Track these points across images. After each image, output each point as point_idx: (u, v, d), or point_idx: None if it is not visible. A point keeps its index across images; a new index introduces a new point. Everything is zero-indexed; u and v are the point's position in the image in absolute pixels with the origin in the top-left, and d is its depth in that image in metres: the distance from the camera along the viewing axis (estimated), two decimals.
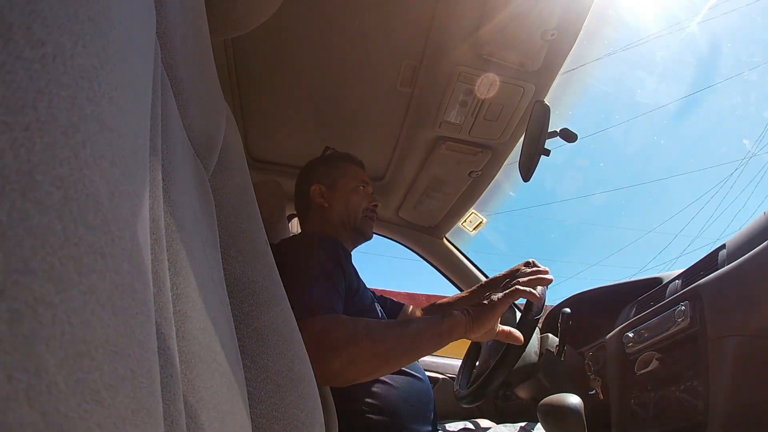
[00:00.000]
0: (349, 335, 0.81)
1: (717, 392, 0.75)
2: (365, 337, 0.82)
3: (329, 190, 1.27)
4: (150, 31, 0.29)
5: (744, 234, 0.89)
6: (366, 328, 0.83)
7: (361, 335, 0.82)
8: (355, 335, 0.82)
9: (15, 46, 0.14)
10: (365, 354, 0.81)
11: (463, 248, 1.98)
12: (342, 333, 0.81)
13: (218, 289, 0.43)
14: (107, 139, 0.18)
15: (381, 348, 0.82)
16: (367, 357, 0.81)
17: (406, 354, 0.85)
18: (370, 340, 0.82)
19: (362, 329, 0.83)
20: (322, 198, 1.26)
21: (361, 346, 0.81)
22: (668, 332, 0.88)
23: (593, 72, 1.39)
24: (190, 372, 0.30)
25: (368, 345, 0.81)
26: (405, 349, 0.84)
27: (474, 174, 1.58)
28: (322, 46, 1.21)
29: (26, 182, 0.14)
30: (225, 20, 0.56)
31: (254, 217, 0.61)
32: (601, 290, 1.43)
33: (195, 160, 0.47)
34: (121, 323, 0.18)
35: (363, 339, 0.81)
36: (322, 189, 1.27)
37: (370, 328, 0.84)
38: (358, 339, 0.81)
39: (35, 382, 0.13)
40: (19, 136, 0.14)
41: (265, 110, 1.46)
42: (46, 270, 0.14)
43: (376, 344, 0.82)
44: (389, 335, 0.84)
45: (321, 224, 1.25)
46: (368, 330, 0.83)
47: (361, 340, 0.81)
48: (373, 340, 0.82)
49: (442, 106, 1.30)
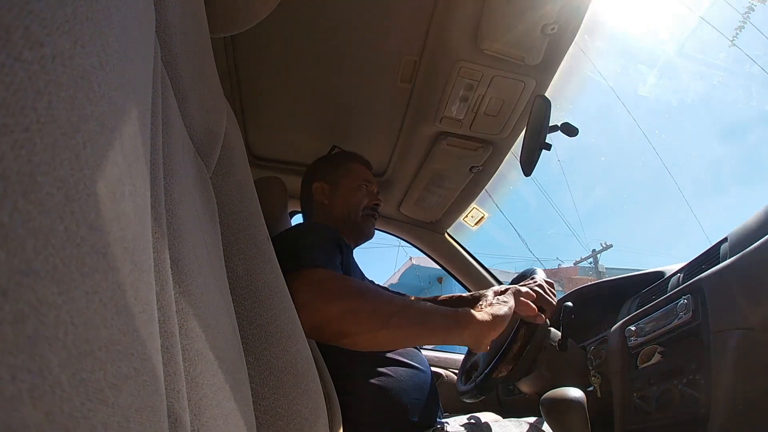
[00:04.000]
0: (351, 287, 0.79)
1: (719, 385, 0.75)
2: (369, 292, 0.80)
3: (331, 187, 1.29)
4: (149, 30, 0.29)
5: (746, 227, 0.89)
6: (371, 288, 0.82)
7: (366, 290, 0.80)
8: (360, 288, 0.80)
9: (14, 47, 0.14)
10: (367, 307, 0.78)
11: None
12: (345, 283, 0.80)
13: (221, 287, 0.43)
14: (108, 139, 0.18)
15: (384, 309, 0.78)
16: (368, 312, 0.78)
17: (410, 326, 0.81)
18: (373, 296, 0.79)
19: (367, 287, 0.81)
20: (323, 195, 1.28)
21: (365, 299, 0.78)
22: (670, 326, 0.88)
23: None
24: (193, 369, 0.31)
25: (371, 299, 0.79)
26: (409, 320, 0.80)
27: (475, 169, 1.58)
28: (322, 43, 1.21)
29: (27, 183, 0.14)
30: (225, 18, 0.56)
31: (256, 214, 0.61)
32: (604, 284, 1.44)
33: (196, 159, 0.47)
34: (124, 322, 0.18)
35: (367, 293, 0.79)
36: (323, 186, 1.29)
37: (375, 289, 0.82)
38: (363, 292, 0.79)
39: (39, 382, 0.13)
40: (20, 137, 0.14)
41: (265, 107, 1.46)
42: (49, 271, 0.14)
43: (380, 304, 0.79)
44: (395, 301, 0.81)
45: (323, 221, 1.26)
46: (374, 289, 0.81)
47: (366, 293, 0.79)
48: (377, 299, 0.79)
49: (443, 101, 1.30)
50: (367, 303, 0.78)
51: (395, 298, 0.83)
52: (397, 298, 0.82)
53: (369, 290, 0.80)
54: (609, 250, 13.83)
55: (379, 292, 0.81)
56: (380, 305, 0.79)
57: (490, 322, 0.84)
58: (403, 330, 0.80)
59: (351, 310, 0.77)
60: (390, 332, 0.79)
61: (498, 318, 0.85)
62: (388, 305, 0.79)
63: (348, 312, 0.77)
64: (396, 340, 0.83)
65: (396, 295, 0.84)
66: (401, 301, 0.82)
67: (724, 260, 0.85)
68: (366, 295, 0.79)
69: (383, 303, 0.79)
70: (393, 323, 0.78)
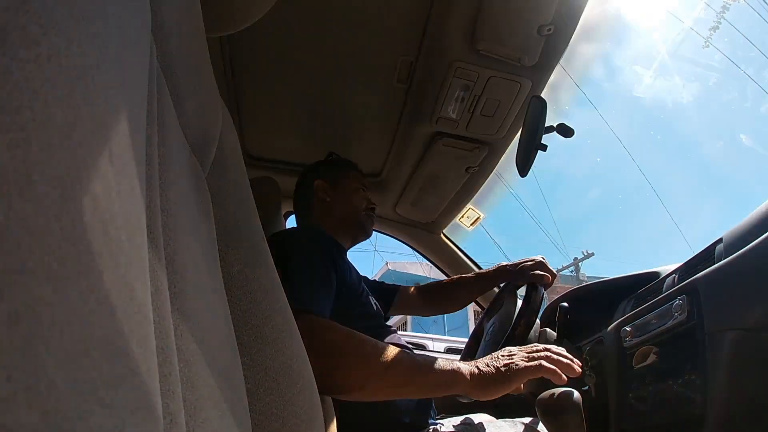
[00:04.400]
0: (343, 342, 0.78)
1: (715, 386, 0.76)
2: (361, 348, 0.78)
3: (332, 186, 1.30)
4: (145, 29, 0.29)
5: (741, 228, 0.89)
6: (363, 341, 0.80)
7: (357, 345, 0.78)
8: (352, 344, 0.78)
9: (10, 46, 0.14)
10: (357, 365, 0.77)
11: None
12: (336, 336, 0.78)
13: (216, 287, 0.43)
14: (103, 138, 0.18)
15: (374, 367, 0.77)
16: (358, 370, 0.77)
17: (404, 385, 0.79)
18: (363, 353, 0.78)
19: (360, 340, 0.79)
20: (325, 193, 1.28)
21: (357, 356, 0.77)
22: (666, 326, 0.89)
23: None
24: (189, 370, 0.31)
25: (362, 356, 0.77)
26: (403, 377, 0.78)
27: (471, 170, 1.58)
28: (318, 43, 1.21)
29: (23, 182, 0.14)
30: (221, 17, 0.56)
31: (251, 214, 0.61)
32: (599, 284, 1.44)
33: (191, 158, 0.47)
34: (120, 323, 0.18)
35: (358, 349, 0.78)
36: (325, 185, 1.29)
37: (365, 343, 0.79)
38: (355, 349, 0.78)
39: (34, 383, 0.13)
40: (16, 136, 0.14)
41: (261, 107, 1.45)
42: (44, 270, 0.14)
43: (368, 363, 0.77)
44: (388, 355, 0.78)
45: (321, 219, 1.27)
46: (364, 344, 0.79)
47: (357, 350, 0.78)
48: (366, 356, 0.78)
49: (439, 101, 1.30)
50: (358, 360, 0.77)
51: (388, 351, 0.79)
52: (389, 352, 0.79)
53: (360, 345, 0.79)
54: (591, 258, 13.87)
55: (370, 345, 0.79)
56: (369, 363, 0.77)
57: (485, 387, 0.80)
58: (398, 388, 0.80)
59: (339, 366, 0.76)
60: (382, 390, 0.79)
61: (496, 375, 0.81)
62: (377, 362, 0.77)
63: (335, 369, 0.75)
64: (389, 396, 0.82)
65: (390, 347, 0.80)
66: (389, 352, 0.79)
67: (719, 261, 0.86)
68: (358, 350, 0.78)
69: (373, 360, 0.77)
70: (387, 382, 0.78)
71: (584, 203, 30.40)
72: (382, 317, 1.19)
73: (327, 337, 0.77)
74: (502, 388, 0.79)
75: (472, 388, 0.79)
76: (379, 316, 1.15)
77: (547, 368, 0.79)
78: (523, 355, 0.83)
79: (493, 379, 0.80)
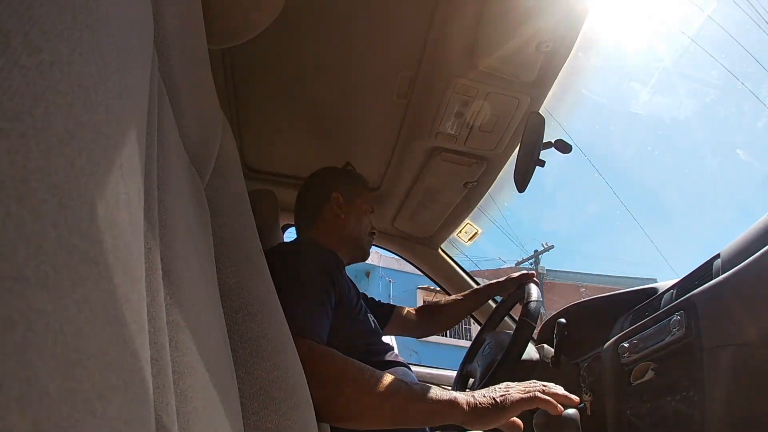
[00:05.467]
0: (339, 369, 0.78)
1: (713, 402, 0.75)
2: (357, 378, 0.78)
3: (347, 203, 1.25)
4: (147, 40, 0.30)
5: (738, 243, 0.90)
6: (360, 369, 0.80)
7: (353, 374, 0.79)
8: (347, 373, 0.78)
9: (12, 52, 0.14)
10: (353, 395, 0.77)
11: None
12: (331, 365, 0.78)
13: (212, 299, 0.43)
14: (103, 147, 0.18)
15: (370, 397, 0.77)
16: (354, 400, 0.77)
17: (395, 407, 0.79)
18: (359, 383, 0.78)
19: (357, 368, 0.79)
20: (340, 209, 1.23)
21: (353, 385, 0.77)
22: (663, 342, 0.88)
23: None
24: (183, 382, 0.30)
25: (358, 386, 0.78)
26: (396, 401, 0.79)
27: (469, 185, 1.58)
28: (319, 57, 1.22)
29: (22, 189, 0.14)
30: (223, 30, 0.57)
31: (249, 226, 0.61)
32: (597, 300, 1.44)
33: (190, 169, 0.47)
34: (115, 332, 0.17)
35: (355, 379, 0.78)
36: (341, 200, 1.24)
37: (362, 371, 0.80)
38: (350, 377, 0.78)
39: (27, 391, 0.12)
40: (16, 142, 0.14)
41: (261, 120, 1.46)
42: (40, 278, 0.14)
43: (365, 392, 0.78)
44: (384, 385, 0.79)
45: (326, 234, 1.23)
46: (361, 372, 0.79)
47: (354, 380, 0.78)
48: (362, 386, 0.78)
49: (438, 116, 1.31)
50: (355, 391, 0.77)
51: (385, 381, 0.80)
52: (386, 381, 0.80)
53: (359, 375, 0.79)
54: (550, 251, 13.85)
55: (368, 375, 0.80)
56: (367, 394, 0.78)
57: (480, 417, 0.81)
58: (396, 418, 0.80)
59: (336, 396, 0.76)
60: (381, 420, 0.79)
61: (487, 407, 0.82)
62: (374, 392, 0.78)
63: (333, 399, 0.76)
64: (386, 425, 0.81)
65: (387, 375, 0.81)
66: (392, 387, 0.79)
67: (716, 276, 0.86)
68: (357, 381, 0.78)
69: (371, 390, 0.78)
70: (384, 411, 0.79)
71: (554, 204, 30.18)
72: (380, 334, 1.17)
73: (324, 366, 0.77)
74: (498, 419, 0.81)
75: (468, 418, 0.80)
76: (377, 333, 1.14)
77: (542, 399, 0.81)
78: (520, 388, 0.84)
79: (489, 409, 0.81)
